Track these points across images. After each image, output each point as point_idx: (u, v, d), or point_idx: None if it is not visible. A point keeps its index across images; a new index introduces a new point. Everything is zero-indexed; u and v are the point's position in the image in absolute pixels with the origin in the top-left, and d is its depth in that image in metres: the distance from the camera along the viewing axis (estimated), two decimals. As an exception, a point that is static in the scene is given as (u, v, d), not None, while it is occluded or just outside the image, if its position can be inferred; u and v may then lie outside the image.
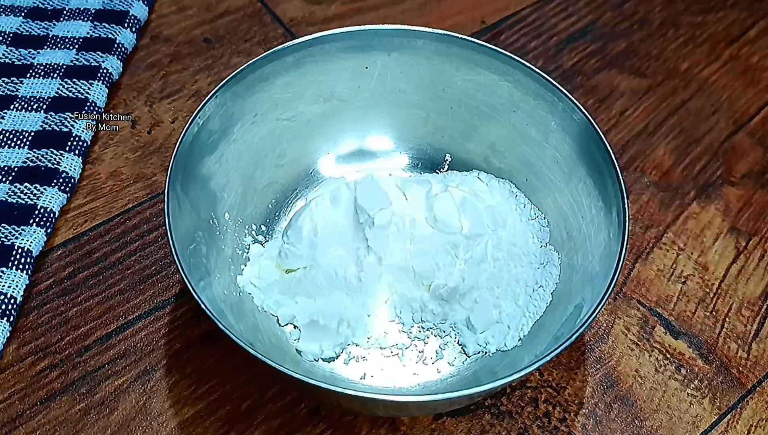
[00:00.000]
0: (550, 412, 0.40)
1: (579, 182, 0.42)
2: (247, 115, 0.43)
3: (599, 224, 0.40)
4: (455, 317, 0.41)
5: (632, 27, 0.61)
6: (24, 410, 0.39)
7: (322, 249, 0.41)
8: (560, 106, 0.42)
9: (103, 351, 0.41)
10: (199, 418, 0.39)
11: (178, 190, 0.38)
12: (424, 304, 0.41)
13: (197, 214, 0.40)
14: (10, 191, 0.45)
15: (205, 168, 0.41)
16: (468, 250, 0.42)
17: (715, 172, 0.52)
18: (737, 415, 0.41)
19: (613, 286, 0.35)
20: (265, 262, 0.42)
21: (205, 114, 0.40)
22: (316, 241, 0.41)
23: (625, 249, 0.36)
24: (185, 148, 0.39)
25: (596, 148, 0.40)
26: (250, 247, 0.43)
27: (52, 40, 0.54)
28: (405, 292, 0.41)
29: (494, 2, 0.61)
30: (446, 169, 0.48)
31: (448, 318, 0.41)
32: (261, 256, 0.43)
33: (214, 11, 0.59)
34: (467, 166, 0.47)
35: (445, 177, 0.47)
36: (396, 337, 0.41)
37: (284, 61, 0.43)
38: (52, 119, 0.49)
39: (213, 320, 0.33)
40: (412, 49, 0.45)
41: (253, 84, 0.43)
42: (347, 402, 0.36)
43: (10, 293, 0.41)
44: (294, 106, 0.46)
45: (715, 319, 0.45)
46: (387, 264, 0.41)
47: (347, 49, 0.45)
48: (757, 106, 0.56)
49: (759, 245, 0.48)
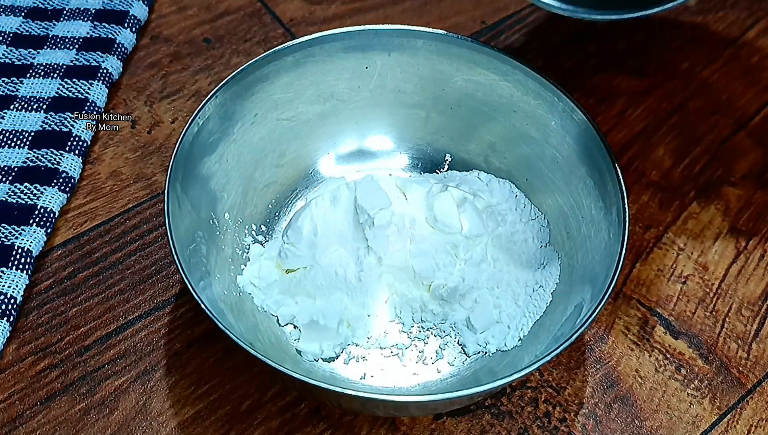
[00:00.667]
0: (550, 412, 0.40)
1: (579, 182, 0.42)
2: (247, 115, 0.43)
3: (599, 224, 0.40)
4: (455, 317, 0.41)
5: (632, 27, 0.61)
6: (24, 410, 0.39)
7: (322, 249, 0.41)
8: (560, 106, 0.42)
9: (103, 351, 0.41)
10: (199, 418, 0.39)
11: (178, 190, 0.38)
12: (424, 304, 0.41)
13: (197, 214, 0.40)
14: (10, 191, 0.45)
15: (205, 168, 0.41)
16: (468, 250, 0.42)
17: (715, 172, 0.52)
18: (737, 415, 0.41)
19: (612, 286, 0.35)
20: (265, 262, 0.42)
21: (205, 114, 0.40)
22: (316, 241, 0.41)
23: (625, 249, 0.36)
24: (185, 148, 0.39)
25: (596, 148, 0.40)
26: (250, 247, 0.43)
27: (52, 40, 0.54)
28: (405, 292, 0.41)
29: (494, 2, 0.61)
30: (446, 169, 0.48)
31: (448, 318, 0.41)
32: (261, 256, 0.43)
33: (214, 11, 0.59)
34: (467, 166, 0.47)
35: (445, 177, 0.47)
36: (396, 337, 0.41)
37: (284, 61, 0.43)
38: (52, 119, 0.49)
39: (213, 320, 0.33)
40: (412, 49, 0.45)
41: (253, 84, 0.43)
42: (347, 402, 0.36)
43: (10, 293, 0.41)
44: (294, 106, 0.46)
45: (715, 319, 0.45)
46: (387, 264, 0.41)
47: (347, 49, 0.45)
48: (757, 106, 0.56)
49: (759, 245, 0.48)
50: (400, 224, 0.41)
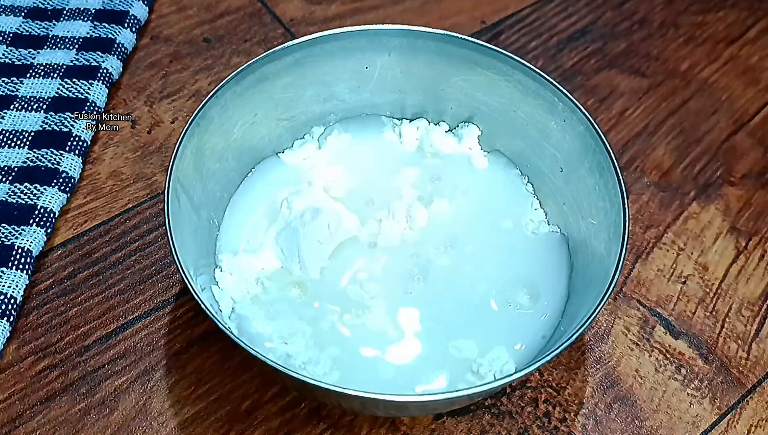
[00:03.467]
0: (550, 412, 0.40)
1: (579, 183, 0.42)
2: (247, 115, 0.43)
3: (599, 224, 0.40)
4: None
5: (632, 27, 0.61)
6: (24, 410, 0.39)
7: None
8: (560, 106, 0.42)
9: (103, 351, 0.41)
10: (199, 418, 0.39)
11: (179, 190, 0.38)
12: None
13: (197, 214, 0.40)
14: (10, 191, 0.45)
15: (205, 168, 0.41)
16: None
17: (715, 172, 0.52)
18: (737, 415, 0.41)
19: (613, 286, 0.35)
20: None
21: (205, 114, 0.40)
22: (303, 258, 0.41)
23: (625, 249, 0.36)
24: (185, 148, 0.39)
25: (596, 148, 0.40)
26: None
27: (52, 40, 0.54)
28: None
29: (494, 2, 0.61)
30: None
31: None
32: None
33: (214, 11, 0.59)
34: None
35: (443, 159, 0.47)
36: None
37: (284, 61, 0.43)
38: (52, 119, 0.49)
39: (213, 320, 0.33)
40: (412, 49, 0.45)
41: (253, 84, 0.43)
42: (347, 402, 0.36)
43: (10, 293, 0.41)
44: (294, 106, 0.46)
45: (715, 319, 0.45)
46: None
47: (347, 49, 0.45)
48: (757, 106, 0.56)
49: (759, 245, 0.48)
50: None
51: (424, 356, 0.39)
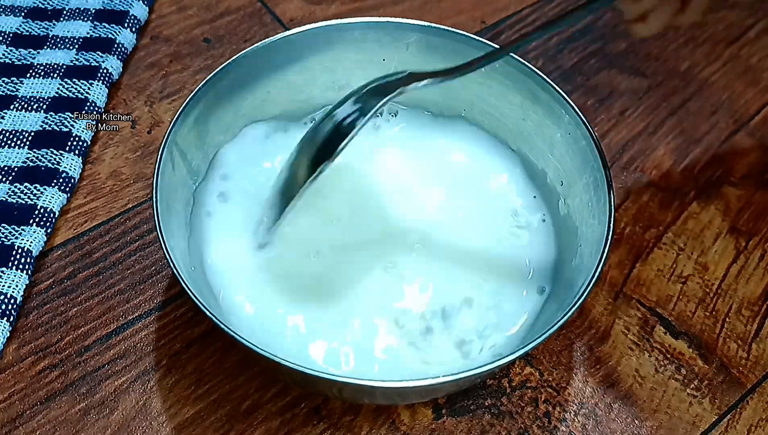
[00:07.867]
0: (550, 412, 0.40)
1: (575, 198, 0.42)
2: (259, 91, 0.44)
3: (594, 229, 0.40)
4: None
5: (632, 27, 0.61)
6: (24, 410, 0.39)
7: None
8: (566, 118, 0.42)
9: (103, 351, 0.41)
10: (199, 418, 0.39)
11: (174, 152, 0.39)
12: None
13: (193, 179, 0.41)
14: (10, 191, 0.45)
15: (209, 136, 0.42)
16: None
17: (715, 172, 0.52)
18: (737, 415, 0.41)
19: (598, 274, 0.35)
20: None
21: (215, 83, 0.41)
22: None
23: (603, 263, 0.36)
24: (187, 116, 0.40)
25: (594, 164, 0.40)
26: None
27: (52, 40, 0.54)
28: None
29: (494, 2, 0.61)
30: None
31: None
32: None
33: (214, 11, 0.59)
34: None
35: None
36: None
37: (300, 43, 0.43)
38: (52, 119, 0.49)
39: (212, 320, 0.33)
40: (429, 47, 0.45)
41: (267, 61, 0.43)
42: (349, 392, 0.36)
43: (10, 293, 0.41)
44: (308, 90, 0.46)
45: (715, 319, 0.45)
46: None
47: (366, 40, 0.45)
48: (757, 106, 0.56)
49: (759, 245, 0.48)
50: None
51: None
